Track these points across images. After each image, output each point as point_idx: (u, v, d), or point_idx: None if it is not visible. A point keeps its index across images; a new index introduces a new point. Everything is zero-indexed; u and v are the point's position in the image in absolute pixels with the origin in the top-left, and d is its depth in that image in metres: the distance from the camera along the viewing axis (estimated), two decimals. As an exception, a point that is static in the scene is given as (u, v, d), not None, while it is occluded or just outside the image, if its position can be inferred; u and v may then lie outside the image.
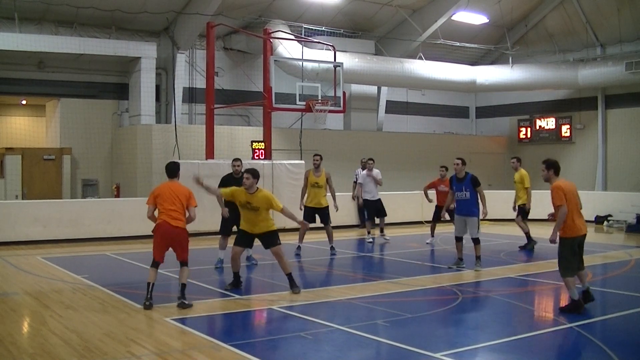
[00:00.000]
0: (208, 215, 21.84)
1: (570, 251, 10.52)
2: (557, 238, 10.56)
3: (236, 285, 12.55)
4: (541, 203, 18.50)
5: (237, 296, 11.86)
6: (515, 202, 19.14)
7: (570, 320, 9.98)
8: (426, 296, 12.20)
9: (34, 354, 8.27)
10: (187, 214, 11.49)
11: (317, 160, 18.15)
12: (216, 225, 15.89)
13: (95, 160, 26.12)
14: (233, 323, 10.30)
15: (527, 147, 34.98)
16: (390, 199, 22.28)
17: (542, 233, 16.90)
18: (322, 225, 17.93)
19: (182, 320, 9.90)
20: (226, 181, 15.57)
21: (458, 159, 15.08)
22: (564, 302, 11.13)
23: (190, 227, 11.74)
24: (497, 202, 26.42)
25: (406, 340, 8.83)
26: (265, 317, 10.76)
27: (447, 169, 19.82)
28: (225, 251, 15.45)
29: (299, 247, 17.64)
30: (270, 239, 12.38)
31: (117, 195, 24.97)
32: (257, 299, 11.92)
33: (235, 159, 15.87)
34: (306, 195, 18.11)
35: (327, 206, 17.95)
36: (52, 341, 8.83)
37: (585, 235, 10.71)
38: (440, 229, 20.66)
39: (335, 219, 21.67)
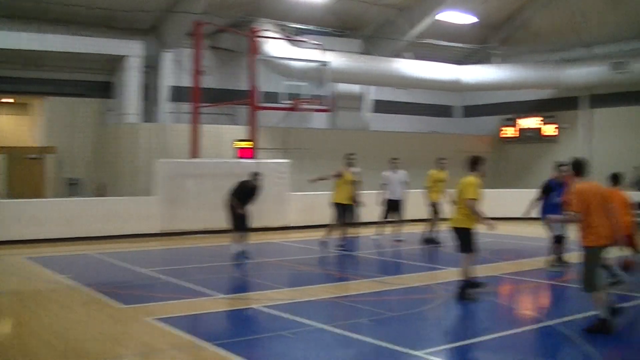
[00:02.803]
0: (191, 213, 21.90)
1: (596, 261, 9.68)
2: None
3: None
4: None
5: (221, 295, 11.86)
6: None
7: (551, 318, 10.03)
8: (409, 295, 12.22)
9: (15, 354, 8.25)
10: None
11: (351, 159, 18.22)
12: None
13: (80, 159, 26.03)
14: (216, 322, 10.32)
15: (512, 146, 35.08)
16: (376, 198, 22.33)
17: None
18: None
19: (165, 320, 9.88)
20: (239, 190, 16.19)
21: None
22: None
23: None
24: (482, 200, 26.52)
25: (389, 338, 8.86)
26: (248, 316, 10.77)
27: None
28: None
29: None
30: None
31: (102, 195, 24.88)
32: (240, 298, 11.93)
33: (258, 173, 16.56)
34: (340, 192, 18.08)
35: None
36: (34, 342, 8.82)
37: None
38: (409, 228, 20.75)
39: (326, 218, 21.77)
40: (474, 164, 11.85)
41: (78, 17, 24.94)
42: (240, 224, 16.06)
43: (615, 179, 13.07)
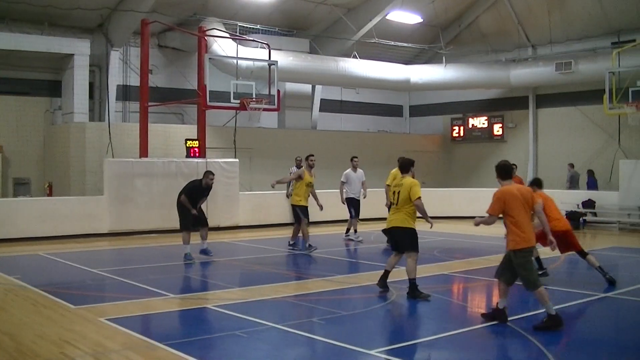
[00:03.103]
0: (140, 213, 21.79)
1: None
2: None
3: None
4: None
5: (173, 295, 11.82)
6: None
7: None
8: (361, 294, 12.28)
9: (-35, 356, 8.16)
10: None
11: (312, 161, 18.01)
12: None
13: (27, 158, 25.68)
14: (168, 322, 10.27)
15: (460, 146, 35.46)
16: (326, 197, 22.38)
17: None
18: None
19: (117, 320, 9.81)
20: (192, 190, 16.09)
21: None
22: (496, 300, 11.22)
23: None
24: (431, 199, 26.73)
25: (342, 337, 8.91)
26: (200, 316, 10.74)
27: (516, 166, 21.32)
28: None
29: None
30: None
31: (50, 195, 24.62)
32: (192, 298, 11.89)
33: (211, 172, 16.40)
34: (300, 194, 17.92)
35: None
36: (-16, 343, 8.72)
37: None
38: (369, 227, 20.82)
39: (276, 217, 21.84)
40: (410, 165, 12.25)
41: (24, 15, 24.59)
42: (196, 222, 16.04)
43: (537, 183, 13.71)
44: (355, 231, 20.37)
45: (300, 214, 17.66)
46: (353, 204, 20.32)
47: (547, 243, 10.63)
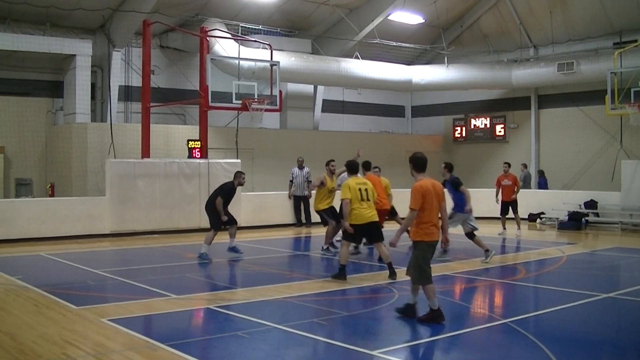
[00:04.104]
0: (141, 214, 21.82)
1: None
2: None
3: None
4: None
5: (174, 296, 11.80)
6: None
7: (504, 316, 10.15)
8: (363, 294, 12.28)
9: (-34, 356, 8.16)
10: None
11: (333, 167, 17.90)
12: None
13: (29, 159, 25.69)
14: (170, 323, 10.25)
15: (462, 146, 35.44)
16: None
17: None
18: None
19: (119, 321, 9.81)
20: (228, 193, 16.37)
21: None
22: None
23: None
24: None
25: (343, 338, 8.92)
26: (202, 317, 10.74)
27: (509, 165, 22.73)
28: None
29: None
30: None
31: (52, 195, 24.62)
32: (194, 299, 11.88)
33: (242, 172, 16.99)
34: (323, 200, 17.76)
35: None
36: (-15, 343, 8.72)
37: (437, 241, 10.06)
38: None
39: (277, 218, 21.85)
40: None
41: (26, 15, 24.63)
42: (227, 222, 16.33)
43: (366, 166, 16.73)
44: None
45: (326, 217, 17.60)
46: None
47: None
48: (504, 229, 22.12)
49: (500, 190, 22.52)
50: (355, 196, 13.45)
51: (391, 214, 18.44)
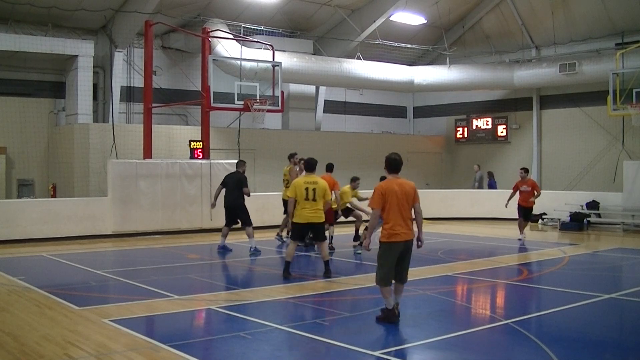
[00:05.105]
0: (143, 214, 21.84)
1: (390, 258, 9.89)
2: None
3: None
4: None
5: (176, 296, 11.80)
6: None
7: (506, 317, 10.15)
8: (364, 295, 12.27)
9: (-32, 357, 8.16)
10: None
11: (297, 160, 18.91)
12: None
13: (31, 159, 25.68)
14: (172, 323, 10.25)
15: (464, 147, 35.44)
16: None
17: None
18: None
19: (121, 322, 9.82)
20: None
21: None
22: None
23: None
24: (434, 201, 26.79)
25: (345, 338, 8.90)
26: (204, 317, 10.74)
27: (527, 171, 21.50)
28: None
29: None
30: None
31: (54, 196, 24.63)
32: (196, 299, 11.88)
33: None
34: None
35: None
36: (-12, 344, 8.72)
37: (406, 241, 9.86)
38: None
39: (279, 218, 21.78)
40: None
41: (28, 16, 24.63)
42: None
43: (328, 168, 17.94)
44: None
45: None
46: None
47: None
48: (523, 233, 21.05)
49: (518, 195, 21.27)
50: (300, 195, 13.69)
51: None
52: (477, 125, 34.87)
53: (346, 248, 18.90)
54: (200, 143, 23.58)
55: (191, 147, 23.50)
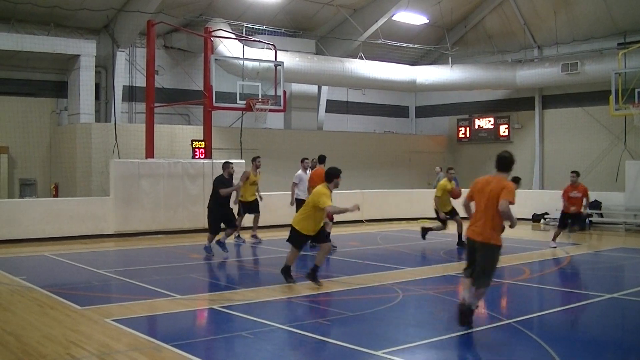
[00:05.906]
0: (145, 214, 21.84)
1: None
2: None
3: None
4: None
5: (178, 296, 11.81)
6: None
7: (508, 317, 10.15)
8: (367, 294, 12.27)
9: (-29, 357, 8.16)
10: None
11: (259, 163, 19.07)
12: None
13: (33, 159, 25.70)
14: (174, 323, 10.25)
15: (466, 146, 35.42)
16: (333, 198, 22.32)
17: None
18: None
19: (123, 321, 9.82)
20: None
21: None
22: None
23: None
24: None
25: (347, 338, 8.90)
26: (206, 317, 10.75)
27: (578, 174, 19.75)
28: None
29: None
30: None
31: (56, 195, 24.65)
32: (198, 299, 11.89)
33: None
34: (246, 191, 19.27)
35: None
36: (-10, 344, 8.73)
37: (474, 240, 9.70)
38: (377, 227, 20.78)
39: (280, 218, 21.82)
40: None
41: (30, 16, 24.63)
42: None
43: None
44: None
45: (242, 209, 18.46)
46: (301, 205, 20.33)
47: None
48: (555, 241, 19.59)
49: (567, 202, 19.64)
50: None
51: (451, 213, 19.09)
52: (479, 125, 34.84)
53: (347, 248, 18.91)
54: (203, 143, 23.59)
55: (193, 146, 23.51)
